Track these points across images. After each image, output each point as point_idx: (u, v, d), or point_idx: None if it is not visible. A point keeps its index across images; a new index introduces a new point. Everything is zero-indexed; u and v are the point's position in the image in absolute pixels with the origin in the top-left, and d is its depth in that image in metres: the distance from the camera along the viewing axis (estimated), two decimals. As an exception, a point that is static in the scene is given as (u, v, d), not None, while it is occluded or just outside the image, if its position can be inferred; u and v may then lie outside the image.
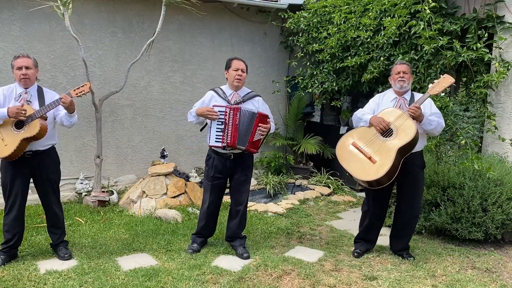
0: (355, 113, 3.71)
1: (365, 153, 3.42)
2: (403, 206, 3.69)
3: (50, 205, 3.60)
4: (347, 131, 6.09)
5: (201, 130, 3.86)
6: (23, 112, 3.24)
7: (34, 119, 3.28)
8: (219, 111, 3.57)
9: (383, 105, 3.66)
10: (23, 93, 3.41)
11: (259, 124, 3.58)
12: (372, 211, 3.76)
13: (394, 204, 3.94)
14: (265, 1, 6.49)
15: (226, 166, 3.71)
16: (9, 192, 3.43)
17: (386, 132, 3.43)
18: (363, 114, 3.61)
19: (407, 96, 3.63)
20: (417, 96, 3.61)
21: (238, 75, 3.65)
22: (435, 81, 3.58)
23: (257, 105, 3.75)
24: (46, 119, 3.41)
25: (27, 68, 3.38)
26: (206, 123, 3.73)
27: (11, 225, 3.47)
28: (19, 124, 3.30)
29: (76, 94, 3.43)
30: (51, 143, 3.55)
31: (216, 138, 3.58)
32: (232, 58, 3.74)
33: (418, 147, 3.52)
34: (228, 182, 3.87)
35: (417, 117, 3.38)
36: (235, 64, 3.67)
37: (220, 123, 3.57)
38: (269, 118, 3.68)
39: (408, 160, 3.46)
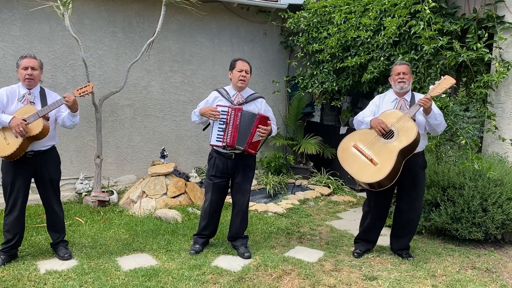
0: (355, 116, 3.72)
1: (366, 155, 3.42)
2: (404, 206, 3.69)
3: (50, 205, 3.61)
4: (347, 131, 6.11)
5: (203, 129, 3.86)
6: (24, 132, 3.22)
7: (37, 119, 3.29)
8: (221, 111, 3.58)
9: (383, 106, 3.66)
10: (27, 94, 3.42)
11: (259, 126, 3.60)
12: (374, 212, 3.75)
13: (394, 204, 3.94)
14: (265, 1, 6.49)
15: (227, 166, 3.71)
16: (10, 192, 3.44)
17: (387, 134, 3.43)
18: (363, 117, 3.62)
19: (408, 97, 3.63)
20: (418, 96, 3.61)
21: (242, 76, 3.66)
22: (436, 82, 3.58)
23: (260, 106, 3.76)
24: (48, 120, 3.42)
25: (33, 68, 3.40)
26: (209, 123, 3.75)
27: (12, 225, 3.47)
28: None
29: (79, 94, 3.46)
30: (52, 144, 3.56)
31: (217, 138, 3.61)
32: (236, 59, 3.74)
33: (419, 148, 3.53)
34: (230, 182, 3.87)
35: (427, 109, 3.39)
36: (240, 65, 3.67)
37: (222, 123, 3.59)
38: (269, 120, 3.69)
39: (410, 161, 3.46)
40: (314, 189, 6.06)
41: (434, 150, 4.46)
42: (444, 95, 3.96)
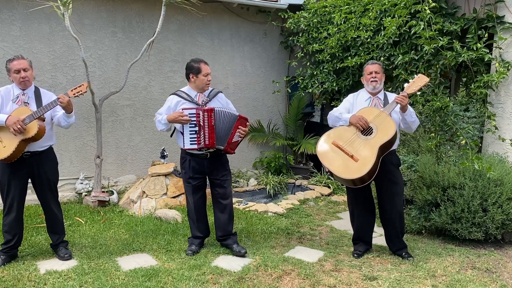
0: (330, 112, 3.72)
1: (346, 152, 3.44)
2: (385, 205, 3.70)
3: (49, 206, 3.60)
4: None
5: (171, 136, 3.84)
6: (22, 129, 3.21)
7: (32, 120, 3.27)
8: (189, 114, 3.54)
9: (357, 104, 3.69)
10: (21, 95, 3.39)
11: (239, 127, 3.66)
12: (357, 212, 3.79)
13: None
14: (265, 1, 6.49)
15: (203, 166, 3.72)
16: (7, 193, 3.42)
17: (366, 130, 3.47)
18: (340, 113, 3.64)
19: (381, 95, 3.67)
20: (390, 95, 3.67)
21: (209, 80, 3.69)
22: (410, 80, 3.64)
23: (222, 102, 3.79)
24: (44, 120, 3.40)
25: (25, 70, 3.36)
26: (175, 128, 3.72)
27: (10, 226, 3.46)
28: None
29: (74, 94, 3.42)
30: (49, 144, 3.53)
31: (191, 141, 3.57)
32: (197, 61, 3.69)
33: (393, 146, 3.57)
34: (208, 180, 3.88)
35: (403, 106, 3.45)
36: (205, 68, 3.65)
37: (193, 125, 3.55)
38: (248, 122, 3.75)
39: (385, 160, 3.50)
40: (314, 189, 6.06)
41: (434, 150, 4.46)
42: (419, 92, 3.99)
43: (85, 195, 5.41)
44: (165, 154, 5.75)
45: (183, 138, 3.60)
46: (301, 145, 6.59)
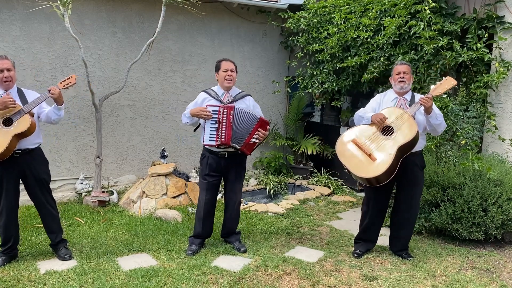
0: (357, 112, 3.74)
1: (365, 150, 3.43)
2: (401, 205, 3.69)
3: (43, 205, 3.58)
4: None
5: (194, 131, 3.90)
6: (10, 99, 3.20)
7: (23, 115, 3.26)
8: (212, 111, 3.61)
9: (383, 104, 3.69)
10: (4, 95, 3.37)
11: (259, 129, 3.69)
12: (372, 212, 3.76)
13: (391, 205, 3.95)
14: (265, 1, 6.49)
15: (220, 165, 3.76)
16: None
17: (387, 130, 3.45)
18: (364, 112, 3.66)
19: (408, 96, 3.65)
20: (418, 96, 3.63)
21: (228, 75, 3.71)
22: (437, 82, 3.61)
23: (248, 103, 3.82)
24: (33, 116, 3.39)
25: (8, 70, 3.34)
26: (199, 124, 3.78)
27: (5, 227, 3.45)
28: (8, 122, 3.28)
29: (64, 86, 3.43)
30: (38, 142, 3.52)
31: (210, 137, 3.63)
32: (220, 60, 3.79)
33: (418, 147, 3.55)
34: (222, 181, 3.94)
35: (427, 108, 3.41)
36: (225, 65, 3.73)
37: (214, 122, 3.61)
38: (269, 126, 3.77)
39: (408, 160, 3.47)
40: (314, 189, 6.06)
41: (434, 150, 4.46)
42: (445, 95, 3.97)
43: (85, 195, 5.41)
44: (165, 154, 5.75)
45: (204, 134, 3.67)
46: (301, 145, 6.59)
